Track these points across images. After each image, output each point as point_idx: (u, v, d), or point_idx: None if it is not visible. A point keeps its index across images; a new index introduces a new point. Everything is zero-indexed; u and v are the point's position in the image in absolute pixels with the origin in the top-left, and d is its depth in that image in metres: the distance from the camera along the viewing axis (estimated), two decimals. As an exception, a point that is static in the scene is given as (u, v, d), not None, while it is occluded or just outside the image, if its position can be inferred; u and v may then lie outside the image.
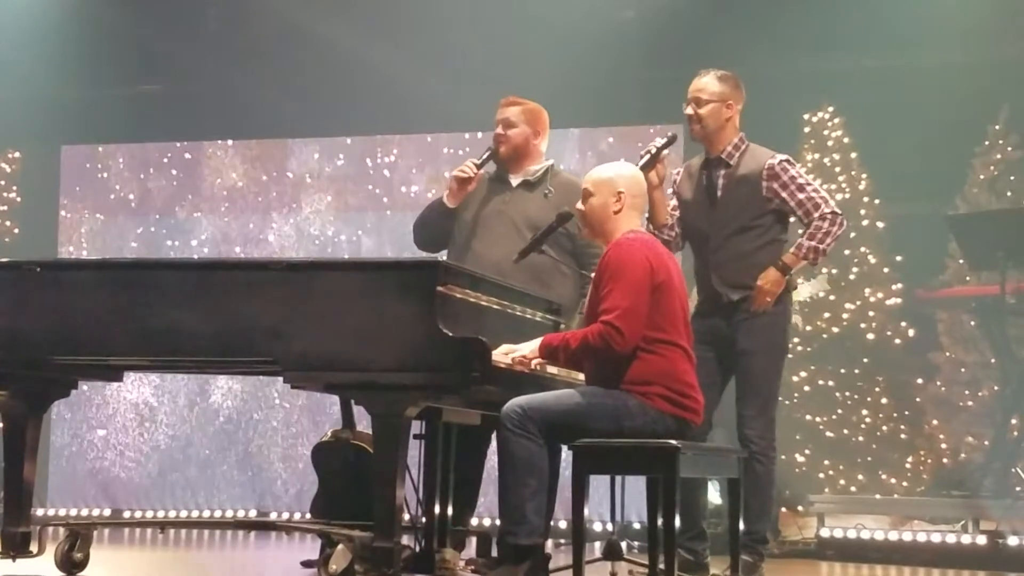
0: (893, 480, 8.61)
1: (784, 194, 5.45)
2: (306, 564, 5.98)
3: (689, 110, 5.56)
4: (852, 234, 9.02)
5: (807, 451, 8.70)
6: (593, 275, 4.84)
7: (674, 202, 5.68)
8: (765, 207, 5.47)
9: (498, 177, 5.79)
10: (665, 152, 5.51)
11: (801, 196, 5.45)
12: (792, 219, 5.59)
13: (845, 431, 8.74)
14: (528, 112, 5.77)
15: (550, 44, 8.98)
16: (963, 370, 8.85)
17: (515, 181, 5.74)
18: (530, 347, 4.67)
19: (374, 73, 9.61)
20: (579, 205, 4.87)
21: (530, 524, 4.50)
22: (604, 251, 4.73)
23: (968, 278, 8.70)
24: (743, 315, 5.43)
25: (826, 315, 8.90)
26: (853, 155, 9.19)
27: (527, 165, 5.74)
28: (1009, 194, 8.89)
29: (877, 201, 9.11)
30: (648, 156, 5.45)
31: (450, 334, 4.39)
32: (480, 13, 9.23)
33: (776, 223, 5.51)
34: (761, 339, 5.43)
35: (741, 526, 4.94)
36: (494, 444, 4.76)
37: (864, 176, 9.16)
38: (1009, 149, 8.99)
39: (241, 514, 9.66)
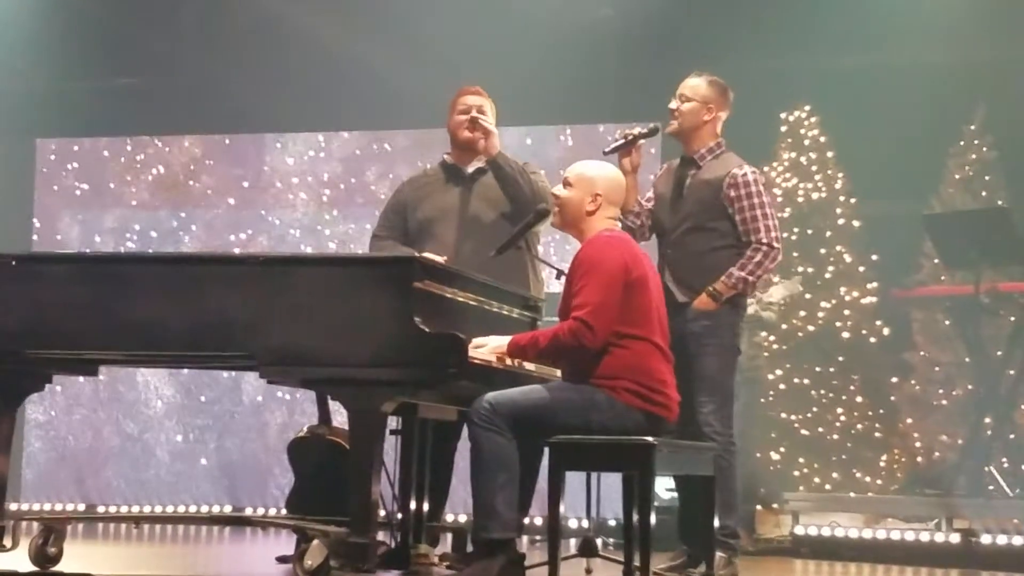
0: (867, 478, 8.63)
1: (736, 205, 5.49)
2: (281, 560, 5.97)
3: (673, 104, 5.62)
4: (828, 233, 9.05)
5: (782, 449, 8.72)
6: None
7: (650, 194, 5.76)
8: (723, 212, 5.52)
9: (451, 169, 5.82)
10: (642, 141, 5.59)
11: (748, 214, 5.47)
12: None
13: (820, 429, 8.76)
14: (493, 107, 5.84)
15: (527, 40, 8.97)
16: (937, 369, 8.89)
17: (470, 169, 5.78)
18: (497, 343, 4.68)
19: (350, 68, 9.59)
20: (556, 190, 4.90)
21: (501, 518, 4.51)
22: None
23: (943, 277, 8.73)
24: (692, 315, 5.47)
25: (801, 313, 8.92)
26: (829, 154, 9.21)
27: (479, 154, 5.78)
28: (984, 194, 8.92)
29: (853, 200, 9.14)
30: (622, 141, 5.56)
31: (427, 330, 4.39)
32: (457, 8, 9.22)
33: (733, 229, 5.53)
34: (711, 340, 5.46)
35: (716, 523, 4.97)
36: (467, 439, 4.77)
37: (840, 175, 9.18)
38: (984, 149, 9.02)
39: (216, 509, 9.64)
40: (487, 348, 4.65)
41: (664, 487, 7.29)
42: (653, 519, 4.48)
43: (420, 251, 5.57)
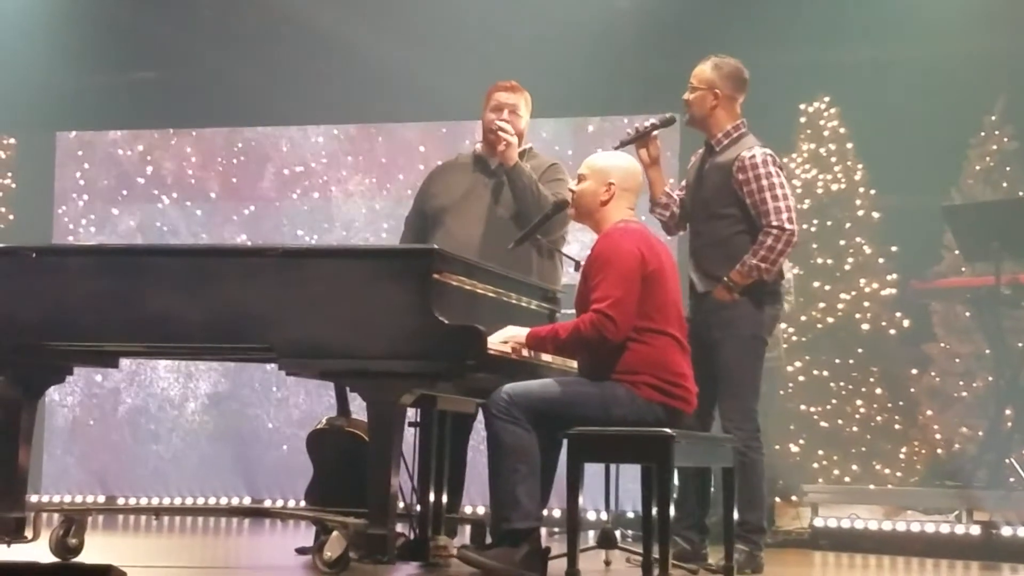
0: (887, 470, 8.62)
1: (745, 189, 5.40)
2: (301, 551, 5.98)
3: (685, 95, 5.59)
4: (847, 224, 9.04)
5: (801, 441, 8.71)
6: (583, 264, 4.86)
7: (684, 182, 5.74)
8: (735, 197, 5.43)
9: (480, 160, 5.82)
10: (655, 132, 5.55)
11: (757, 197, 5.37)
12: None
13: (839, 421, 8.75)
14: (528, 101, 5.83)
15: (545, 33, 8.96)
16: (957, 361, 8.86)
17: (494, 164, 5.77)
18: (515, 333, 4.67)
19: (367, 61, 9.59)
20: (572, 185, 4.90)
21: (524, 508, 4.53)
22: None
23: (963, 269, 8.69)
24: (711, 305, 5.43)
25: (821, 305, 8.91)
26: (849, 145, 9.20)
27: None
28: (1004, 185, 8.90)
29: (873, 192, 9.12)
30: (634, 133, 5.51)
31: (445, 321, 4.39)
32: (475, 1, 9.21)
33: (748, 214, 5.44)
34: (730, 329, 5.40)
35: (735, 516, 4.96)
36: (480, 431, 4.77)
37: (860, 166, 9.16)
38: (1005, 140, 8.99)
39: (235, 501, 9.66)
40: (503, 336, 4.65)
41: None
42: (672, 511, 4.48)
43: (434, 239, 5.59)
